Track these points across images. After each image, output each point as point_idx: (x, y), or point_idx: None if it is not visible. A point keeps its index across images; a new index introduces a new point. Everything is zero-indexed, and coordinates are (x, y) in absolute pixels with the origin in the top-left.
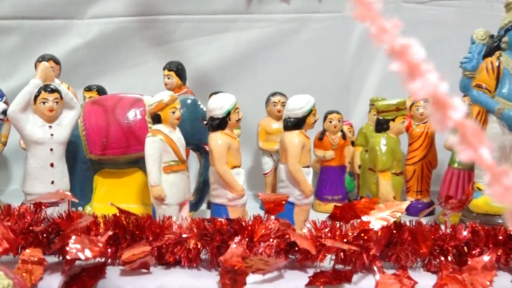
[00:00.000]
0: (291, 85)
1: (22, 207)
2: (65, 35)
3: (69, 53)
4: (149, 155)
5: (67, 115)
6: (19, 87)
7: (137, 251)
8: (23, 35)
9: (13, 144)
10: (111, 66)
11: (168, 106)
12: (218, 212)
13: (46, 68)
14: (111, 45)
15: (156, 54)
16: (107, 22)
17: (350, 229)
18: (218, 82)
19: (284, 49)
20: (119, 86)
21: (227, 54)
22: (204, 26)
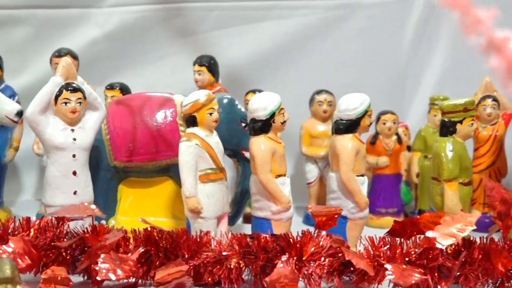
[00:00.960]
0: (337, 82)
1: (42, 220)
2: (82, 25)
3: (87, 46)
4: (184, 162)
5: (90, 117)
6: (31, 85)
7: (172, 271)
8: (35, 26)
9: (24, 149)
10: (133, 61)
11: (205, 107)
12: (260, 226)
13: (68, 65)
14: (133, 37)
15: (183, 47)
16: (129, 10)
17: (413, 246)
18: (253, 79)
19: (329, 40)
20: (142, 83)
21: (263, 46)
22: (237, 15)
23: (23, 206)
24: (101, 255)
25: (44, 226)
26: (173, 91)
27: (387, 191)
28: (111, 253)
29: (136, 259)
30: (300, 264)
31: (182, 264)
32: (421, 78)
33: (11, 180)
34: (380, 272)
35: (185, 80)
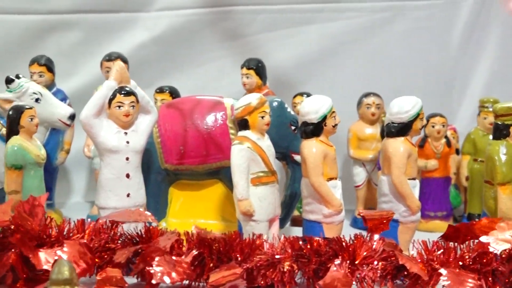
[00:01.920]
0: (384, 84)
1: (97, 222)
2: (131, 29)
3: (135, 49)
4: (236, 166)
5: (143, 121)
6: (81, 88)
7: (226, 273)
8: (84, 30)
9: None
10: (181, 64)
11: (257, 110)
12: (312, 230)
13: (122, 69)
14: (181, 40)
15: (230, 50)
16: (177, 14)
17: (467, 251)
18: (300, 82)
19: (375, 42)
20: (189, 86)
21: (310, 49)
22: (284, 18)
23: (73, 208)
24: (155, 258)
25: (99, 228)
26: (220, 94)
27: (436, 195)
28: (165, 255)
29: (189, 261)
30: (353, 268)
31: (236, 267)
32: (469, 80)
33: (62, 182)
34: (433, 276)
35: (232, 83)
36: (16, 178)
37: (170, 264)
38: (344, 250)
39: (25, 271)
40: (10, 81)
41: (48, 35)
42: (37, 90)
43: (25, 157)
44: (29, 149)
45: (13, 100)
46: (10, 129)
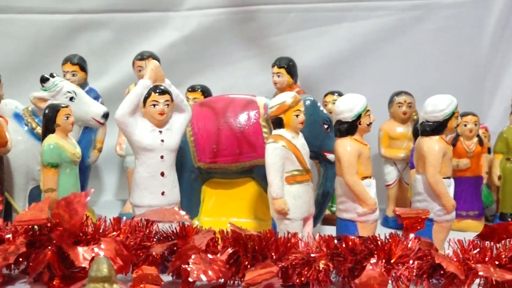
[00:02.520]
0: (415, 83)
1: (132, 220)
2: (161, 29)
3: (165, 49)
4: (271, 164)
5: (177, 119)
6: (112, 87)
7: (262, 272)
8: (115, 30)
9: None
10: (210, 63)
11: (292, 109)
12: (346, 228)
13: (156, 67)
14: (211, 39)
15: (260, 49)
16: (206, 14)
17: (503, 250)
18: (330, 80)
19: (405, 41)
20: (219, 85)
21: (340, 48)
22: (313, 17)
23: (104, 206)
24: (192, 256)
25: (134, 226)
26: (250, 93)
27: (468, 194)
28: (201, 254)
29: (225, 260)
30: (388, 267)
31: (271, 265)
32: (500, 78)
33: (93, 180)
34: (469, 275)
35: (262, 82)
36: (52, 176)
37: (206, 262)
38: (379, 249)
39: (61, 269)
40: (45, 80)
41: (79, 34)
42: (72, 89)
43: (61, 156)
44: (65, 147)
45: (48, 99)
46: (46, 128)
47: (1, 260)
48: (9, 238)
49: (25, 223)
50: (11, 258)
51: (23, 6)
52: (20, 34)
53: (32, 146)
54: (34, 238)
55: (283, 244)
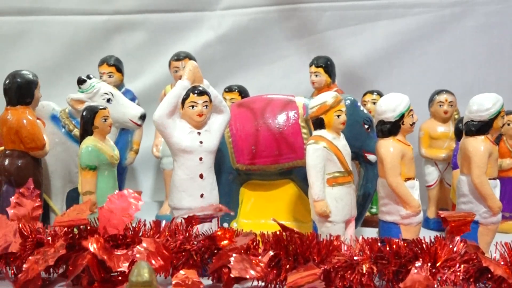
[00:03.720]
0: (455, 81)
1: (172, 223)
2: (196, 29)
3: (200, 49)
4: (312, 166)
5: (215, 120)
6: (147, 88)
7: (304, 274)
8: (150, 30)
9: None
10: (246, 63)
11: (333, 109)
12: (388, 231)
13: (195, 68)
14: (246, 39)
15: (297, 48)
16: (242, 13)
17: None
18: (369, 79)
19: (446, 38)
20: (255, 85)
21: (378, 45)
22: (351, 15)
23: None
24: (232, 255)
25: (174, 229)
26: (287, 92)
27: (511, 195)
28: (242, 255)
29: (266, 262)
30: (433, 271)
31: (314, 268)
32: None
33: (129, 182)
34: None
35: (299, 81)
36: (90, 179)
37: (247, 262)
38: (424, 252)
39: (100, 272)
40: (82, 81)
41: (114, 35)
42: (109, 90)
43: (99, 158)
44: (103, 149)
45: (85, 101)
46: (84, 130)
47: (41, 263)
48: (48, 240)
49: (65, 224)
50: (50, 261)
51: (59, 8)
52: (56, 35)
53: (69, 148)
54: (73, 241)
55: (325, 246)
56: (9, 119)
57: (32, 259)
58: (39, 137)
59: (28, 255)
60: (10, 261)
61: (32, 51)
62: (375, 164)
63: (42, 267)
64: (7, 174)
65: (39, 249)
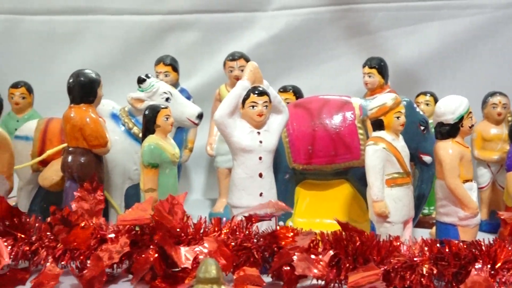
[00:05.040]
0: (509, 83)
1: (233, 221)
2: (248, 29)
3: (252, 49)
4: (372, 166)
5: (274, 120)
6: (200, 87)
7: (366, 274)
8: (203, 30)
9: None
10: (298, 63)
11: (392, 111)
12: (446, 232)
13: (255, 69)
14: (298, 39)
15: (349, 48)
16: (294, 13)
17: None
18: (421, 80)
19: (499, 40)
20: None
21: (431, 46)
22: (404, 15)
23: (193, 205)
24: (295, 254)
25: (234, 227)
26: (338, 93)
27: None
28: (304, 254)
29: (327, 261)
30: (493, 272)
31: (375, 268)
32: None
33: (182, 179)
34: None
35: (350, 82)
36: (152, 176)
37: (309, 261)
38: (483, 254)
39: (162, 268)
40: (142, 80)
41: (167, 35)
42: (167, 89)
43: (161, 156)
44: (165, 148)
45: (144, 100)
46: (146, 128)
47: (106, 259)
48: (111, 237)
49: (129, 223)
50: (115, 258)
51: (114, 8)
52: (110, 35)
53: (129, 146)
54: (136, 237)
55: (385, 247)
56: (73, 117)
57: (97, 255)
58: (102, 134)
59: (92, 251)
60: (74, 256)
61: (87, 50)
62: (430, 166)
63: (108, 264)
64: (70, 170)
65: (102, 245)
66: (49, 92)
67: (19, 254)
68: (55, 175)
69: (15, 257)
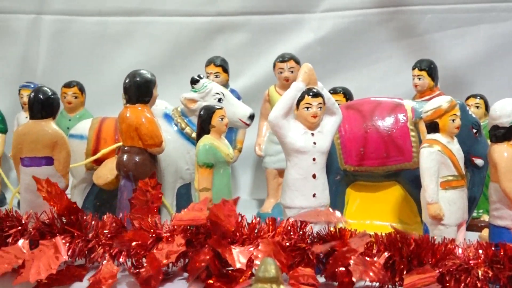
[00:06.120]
0: None
1: (287, 222)
2: (296, 30)
3: (300, 50)
4: (426, 169)
5: (328, 122)
6: (249, 88)
7: (422, 276)
8: (251, 31)
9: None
10: (345, 65)
11: (448, 113)
12: (499, 235)
13: (310, 70)
14: (346, 41)
15: (396, 50)
16: (343, 15)
17: None
18: (469, 82)
19: None
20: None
21: (480, 49)
22: (452, 17)
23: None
24: (351, 257)
25: (289, 227)
26: (386, 95)
27: None
28: (360, 256)
29: (382, 263)
30: None
31: (431, 270)
32: None
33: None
34: None
35: (398, 84)
36: (207, 176)
37: (365, 264)
38: None
39: (217, 267)
40: (195, 81)
41: (216, 36)
42: (220, 90)
43: (216, 156)
44: (219, 148)
45: (197, 100)
46: (201, 128)
47: (164, 259)
48: (167, 236)
49: (185, 223)
50: (172, 257)
51: (164, 9)
52: (161, 36)
53: (181, 145)
54: (191, 237)
55: (440, 249)
56: (128, 117)
57: (153, 254)
58: (158, 134)
59: (148, 249)
60: (131, 254)
61: (137, 51)
62: (482, 169)
63: (165, 263)
64: (126, 169)
65: (158, 244)
66: (100, 92)
67: (76, 251)
68: (110, 174)
69: (72, 254)
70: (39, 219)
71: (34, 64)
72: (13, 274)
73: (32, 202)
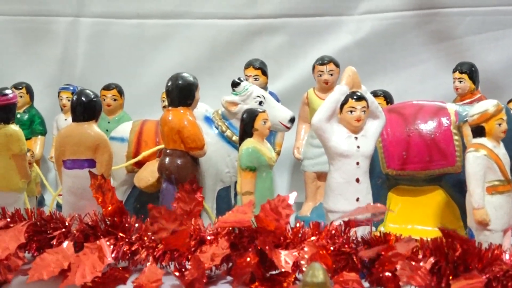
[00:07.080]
0: None
1: (331, 226)
2: (334, 33)
3: (338, 52)
4: (473, 174)
5: (371, 125)
6: (286, 91)
7: (470, 282)
8: (289, 34)
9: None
10: (383, 67)
11: (494, 117)
12: None
13: (354, 74)
14: (384, 43)
15: (435, 53)
16: (381, 17)
17: None
18: (509, 85)
19: None
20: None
21: None
22: (492, 20)
23: None
24: (398, 262)
25: (333, 231)
26: (424, 97)
27: None
28: (406, 261)
29: (428, 268)
30: None
31: (478, 276)
32: None
33: None
34: None
35: (437, 86)
36: (250, 179)
37: (412, 269)
38: None
39: (261, 271)
40: (236, 84)
41: (254, 39)
42: (261, 93)
43: (259, 159)
44: (262, 151)
45: (238, 103)
46: (244, 132)
47: (208, 261)
48: (211, 239)
49: (230, 225)
50: (217, 260)
51: (202, 12)
52: (198, 38)
53: (221, 148)
54: (235, 240)
55: (487, 255)
56: (171, 120)
57: (197, 257)
58: (200, 137)
59: (192, 252)
60: (174, 257)
61: (175, 53)
62: None
63: (209, 266)
64: (168, 172)
65: (202, 247)
66: (138, 94)
67: (119, 253)
68: (151, 176)
69: (116, 256)
70: (82, 221)
71: (73, 67)
72: (58, 276)
73: (75, 204)
